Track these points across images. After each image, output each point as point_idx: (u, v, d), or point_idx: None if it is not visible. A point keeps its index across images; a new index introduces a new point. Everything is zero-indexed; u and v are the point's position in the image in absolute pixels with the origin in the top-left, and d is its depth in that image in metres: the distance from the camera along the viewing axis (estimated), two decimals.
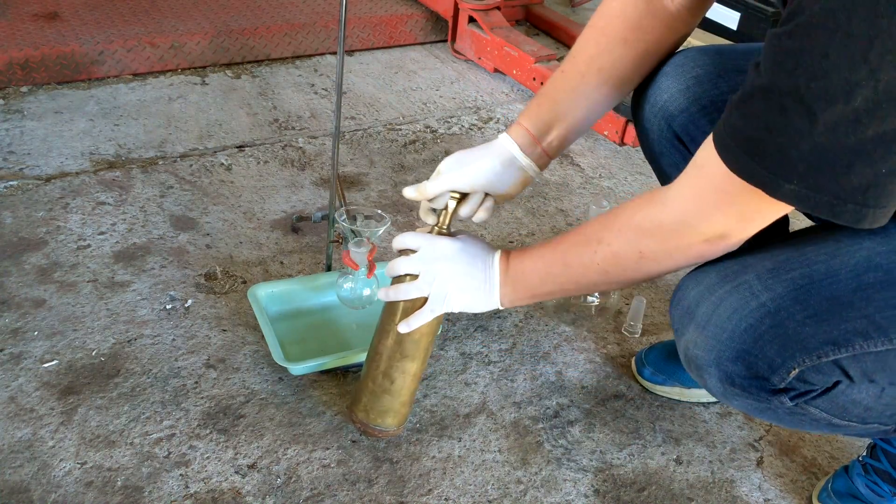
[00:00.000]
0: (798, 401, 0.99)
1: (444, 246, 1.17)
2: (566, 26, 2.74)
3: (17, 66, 2.15)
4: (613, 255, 1.03)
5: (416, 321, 1.18)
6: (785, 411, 1.01)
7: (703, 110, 1.19)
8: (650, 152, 1.30)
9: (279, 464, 1.25)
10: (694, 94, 1.19)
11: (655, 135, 1.25)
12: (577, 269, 1.08)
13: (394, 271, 1.20)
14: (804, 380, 0.96)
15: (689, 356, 1.02)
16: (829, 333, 0.92)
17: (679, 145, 1.24)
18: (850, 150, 0.79)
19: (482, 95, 2.44)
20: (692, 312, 1.00)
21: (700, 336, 0.99)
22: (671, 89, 1.21)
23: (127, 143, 1.99)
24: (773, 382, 0.96)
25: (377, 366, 1.23)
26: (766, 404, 1.00)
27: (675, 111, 1.21)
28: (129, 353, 1.41)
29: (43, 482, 1.18)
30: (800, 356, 0.94)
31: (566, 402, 1.42)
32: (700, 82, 1.19)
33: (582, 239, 1.08)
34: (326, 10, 2.61)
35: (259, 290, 1.47)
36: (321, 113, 2.23)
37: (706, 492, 1.29)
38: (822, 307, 0.93)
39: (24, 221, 1.69)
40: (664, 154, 1.27)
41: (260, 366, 1.41)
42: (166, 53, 2.32)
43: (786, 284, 0.94)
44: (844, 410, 1.01)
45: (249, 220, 1.78)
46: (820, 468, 1.35)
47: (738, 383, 0.98)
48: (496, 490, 1.25)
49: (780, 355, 0.94)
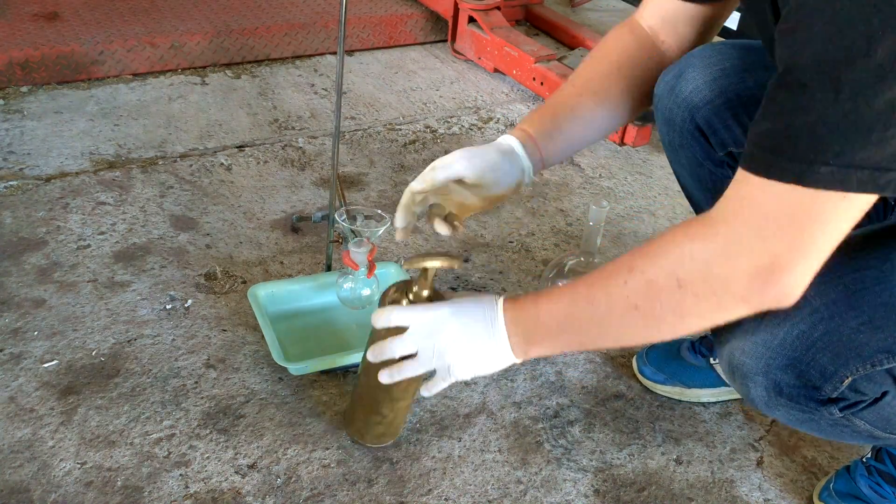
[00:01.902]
0: (847, 412, 0.96)
1: (436, 315, 1.05)
2: (566, 26, 2.74)
3: (17, 66, 2.15)
4: (647, 283, 0.88)
5: (399, 375, 1.09)
6: (829, 423, 0.97)
7: (728, 103, 1.18)
8: (671, 144, 1.28)
9: (279, 464, 1.25)
10: (720, 87, 1.18)
11: (678, 126, 1.24)
12: (601, 307, 0.93)
13: (386, 355, 1.08)
14: (856, 389, 0.92)
15: (734, 363, 0.96)
16: (884, 341, 0.88)
17: (700, 138, 1.22)
18: (880, 111, 0.73)
19: (482, 95, 2.44)
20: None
21: (747, 342, 0.93)
22: (696, 80, 1.19)
23: (127, 143, 1.99)
24: (825, 392, 0.92)
25: (368, 402, 1.21)
26: (811, 415, 0.96)
27: (699, 102, 1.19)
28: (129, 353, 1.41)
29: (43, 482, 1.18)
30: (853, 364, 0.89)
31: (566, 401, 1.42)
32: (727, 75, 1.18)
33: (611, 269, 0.94)
34: (326, 9, 2.61)
35: (259, 290, 1.47)
36: (321, 113, 2.23)
37: (706, 492, 1.29)
38: (877, 313, 0.89)
39: (24, 221, 1.69)
40: (685, 146, 1.25)
41: (260, 366, 1.41)
42: (166, 53, 2.32)
43: (839, 289, 0.89)
44: (888, 422, 0.98)
45: (249, 220, 1.78)
46: (820, 468, 1.35)
47: (787, 392, 0.94)
48: (496, 490, 1.25)
49: (834, 363, 0.90)
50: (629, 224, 1.92)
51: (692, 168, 1.28)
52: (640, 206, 2.00)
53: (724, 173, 1.24)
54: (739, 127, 1.19)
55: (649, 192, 2.06)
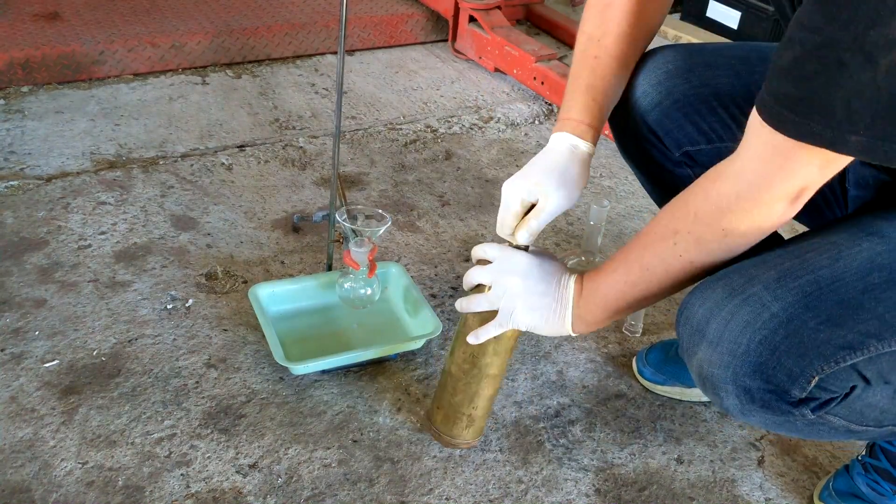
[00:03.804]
0: (819, 411, 0.97)
1: (519, 260, 1.13)
2: (567, 26, 2.74)
3: (17, 66, 2.15)
4: (696, 241, 0.98)
5: (484, 334, 1.15)
6: (805, 423, 0.99)
7: (676, 104, 1.20)
8: (627, 151, 1.31)
9: (280, 463, 1.25)
10: (666, 89, 1.21)
11: (631, 132, 1.26)
12: (658, 270, 1.02)
13: (468, 281, 1.17)
14: (823, 387, 0.94)
15: (703, 375, 0.99)
16: (844, 337, 0.91)
17: (655, 140, 1.24)
18: None
19: (483, 95, 2.44)
20: (702, 330, 0.97)
21: (714, 353, 0.96)
22: (643, 85, 1.22)
23: (128, 143, 1.99)
24: (794, 394, 0.94)
25: (454, 380, 1.20)
26: (786, 417, 0.98)
27: (648, 106, 1.22)
28: (129, 353, 1.41)
29: (44, 482, 1.18)
30: (818, 363, 0.92)
31: (567, 401, 1.42)
32: (671, 76, 1.21)
33: (654, 237, 1.02)
34: (327, 9, 2.61)
35: (260, 289, 1.47)
36: (322, 112, 2.23)
37: (707, 491, 1.29)
38: (834, 312, 0.92)
39: (25, 221, 1.69)
40: (640, 151, 1.27)
41: (261, 365, 1.41)
42: (167, 53, 2.32)
43: (794, 292, 0.93)
44: (861, 415, 1.00)
45: (250, 219, 1.78)
46: (821, 467, 1.35)
47: (758, 398, 0.96)
48: (497, 489, 1.25)
49: (799, 364, 0.92)
50: (630, 223, 1.92)
51: (653, 172, 1.30)
52: (640, 205, 2.00)
53: (683, 172, 1.26)
54: (691, 125, 1.22)
55: None
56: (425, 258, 1.72)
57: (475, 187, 1.98)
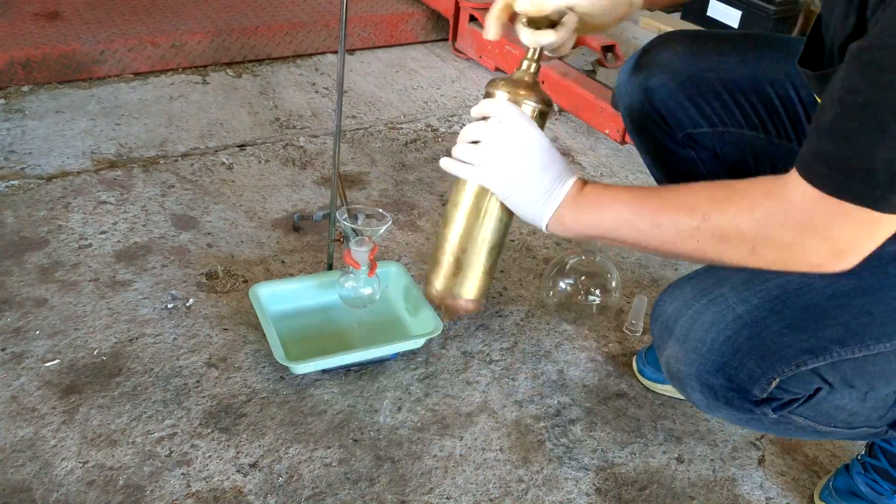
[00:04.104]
0: (782, 411, 1.00)
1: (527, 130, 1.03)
2: None
3: (18, 66, 2.15)
4: (720, 239, 0.91)
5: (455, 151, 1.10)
6: (770, 421, 1.01)
7: (682, 86, 1.23)
8: (634, 131, 1.33)
9: (281, 462, 1.25)
10: (673, 70, 1.23)
11: (637, 110, 1.29)
12: (668, 233, 0.94)
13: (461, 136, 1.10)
14: (785, 389, 0.96)
15: (671, 370, 1.02)
16: (806, 342, 0.93)
17: (659, 120, 1.27)
18: None
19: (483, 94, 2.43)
20: (671, 327, 1.00)
21: (680, 350, 0.99)
22: (651, 65, 1.25)
23: (128, 143, 1.99)
24: (755, 393, 0.97)
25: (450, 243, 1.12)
26: (750, 415, 1.00)
27: (655, 85, 1.25)
28: (130, 353, 1.41)
29: (45, 481, 1.18)
30: (779, 366, 0.94)
31: (568, 400, 1.42)
32: (680, 58, 1.23)
33: (682, 206, 0.94)
34: (327, 8, 2.61)
35: (260, 289, 1.47)
36: (322, 112, 2.23)
37: (708, 490, 1.29)
38: (799, 316, 0.93)
39: (26, 221, 1.69)
40: (646, 130, 1.30)
41: (261, 365, 1.41)
42: (167, 53, 2.32)
43: (761, 295, 0.94)
44: (829, 417, 1.01)
45: (251, 219, 1.78)
46: (822, 466, 1.35)
47: (721, 395, 0.98)
48: (497, 489, 1.25)
49: (760, 366, 0.94)
50: None
51: (657, 153, 1.33)
52: None
53: (687, 154, 1.29)
54: (695, 108, 1.24)
55: None
56: (426, 257, 1.72)
57: None
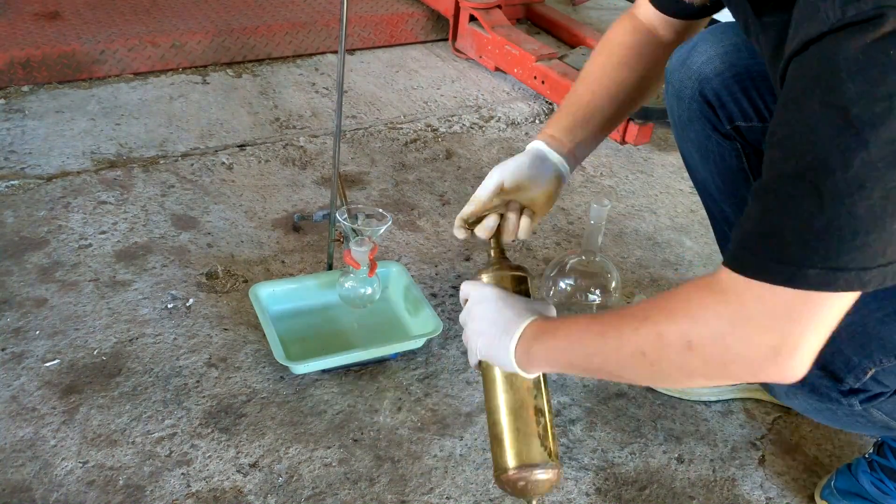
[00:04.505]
0: (867, 404, 0.97)
1: (485, 293, 1.11)
2: (567, 25, 2.74)
3: (18, 66, 2.15)
4: (657, 335, 0.88)
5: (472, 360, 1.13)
6: (846, 413, 0.98)
7: (737, 76, 1.22)
8: (680, 119, 1.32)
9: (281, 463, 1.25)
10: (731, 60, 1.22)
11: (687, 98, 1.28)
12: (611, 343, 0.93)
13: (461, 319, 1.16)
14: (878, 380, 0.94)
15: None
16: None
17: (708, 110, 1.26)
18: (861, 217, 0.75)
19: (483, 94, 2.44)
20: None
21: None
22: (708, 52, 1.24)
23: (128, 143, 1.99)
24: (847, 383, 0.94)
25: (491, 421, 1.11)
26: (831, 405, 0.98)
27: (709, 73, 1.24)
28: (130, 353, 1.41)
29: (45, 481, 1.18)
30: (877, 355, 0.91)
31: (568, 400, 1.42)
32: (738, 49, 1.22)
33: (626, 313, 0.94)
34: (327, 8, 2.61)
35: (260, 289, 1.47)
36: (322, 112, 2.23)
37: (708, 490, 1.29)
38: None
39: (26, 221, 1.69)
40: (693, 120, 1.29)
41: (261, 365, 1.41)
42: (167, 52, 2.32)
43: None
44: None
45: (251, 219, 1.78)
46: (822, 466, 1.35)
47: (809, 382, 0.94)
48: (497, 489, 1.25)
49: (858, 354, 0.91)
50: (630, 222, 1.92)
51: (700, 142, 1.31)
52: (641, 204, 2.00)
53: (731, 146, 1.28)
54: (747, 100, 1.23)
55: (650, 191, 2.06)
56: (426, 257, 1.72)
57: (476, 186, 1.98)
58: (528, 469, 1.05)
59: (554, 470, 1.06)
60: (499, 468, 1.08)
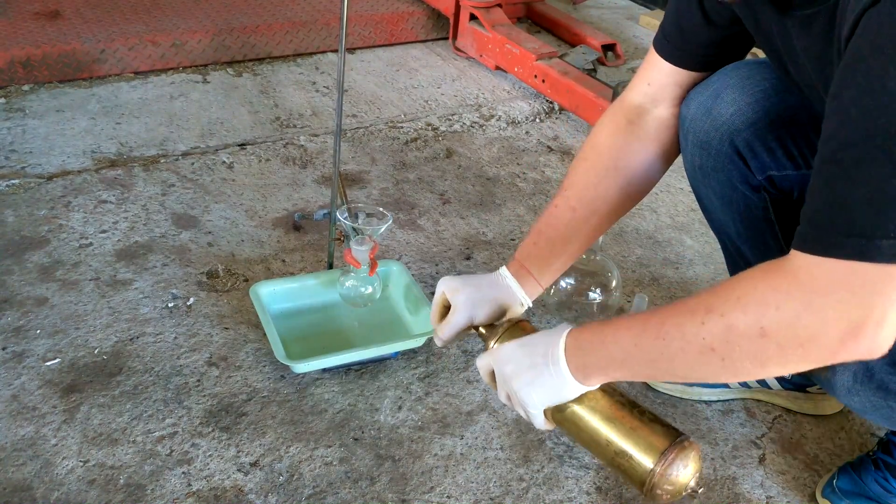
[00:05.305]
0: None
1: (503, 350, 1.07)
2: (567, 24, 2.74)
3: (18, 65, 2.15)
4: (727, 327, 0.84)
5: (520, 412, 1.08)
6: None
7: (772, 125, 1.14)
8: (703, 168, 1.22)
9: (281, 461, 1.25)
10: (764, 108, 1.14)
11: (714, 149, 1.18)
12: (674, 343, 0.88)
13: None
14: None
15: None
16: None
17: (738, 161, 1.18)
18: None
19: (483, 93, 2.44)
20: None
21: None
22: (738, 102, 1.14)
23: (129, 142, 2.00)
24: None
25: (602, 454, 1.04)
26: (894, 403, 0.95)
27: (741, 125, 1.15)
28: (131, 352, 1.41)
29: (45, 480, 1.18)
30: None
31: None
32: (768, 96, 1.14)
33: (685, 308, 0.89)
34: (327, 7, 2.61)
35: (261, 288, 1.47)
36: (322, 111, 2.23)
37: (708, 489, 1.29)
38: None
39: (27, 220, 1.69)
40: (719, 170, 1.20)
41: (262, 364, 1.41)
42: (168, 52, 2.32)
43: None
44: None
45: (251, 218, 1.78)
46: (822, 465, 1.35)
47: (878, 378, 0.92)
48: (498, 488, 1.25)
49: None
50: (631, 221, 1.92)
51: (724, 192, 1.23)
52: (641, 203, 1.99)
53: (760, 198, 1.20)
54: (782, 149, 1.16)
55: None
56: (426, 256, 1.72)
57: (476, 185, 1.98)
58: (672, 450, 0.97)
59: (688, 439, 1.00)
60: (641, 479, 0.97)
